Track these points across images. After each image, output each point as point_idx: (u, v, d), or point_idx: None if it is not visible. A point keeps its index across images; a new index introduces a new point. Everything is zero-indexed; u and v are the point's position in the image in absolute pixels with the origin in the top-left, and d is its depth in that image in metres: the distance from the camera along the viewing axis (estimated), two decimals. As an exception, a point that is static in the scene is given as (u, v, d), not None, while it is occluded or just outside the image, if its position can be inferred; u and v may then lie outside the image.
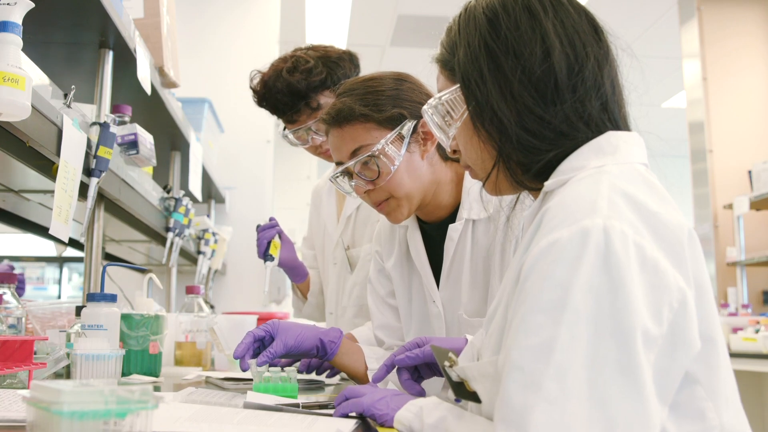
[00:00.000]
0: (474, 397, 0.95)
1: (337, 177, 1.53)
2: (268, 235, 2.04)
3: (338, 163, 1.51)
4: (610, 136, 0.93)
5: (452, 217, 1.53)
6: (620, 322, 0.74)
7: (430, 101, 1.04)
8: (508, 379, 0.76)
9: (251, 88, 2.04)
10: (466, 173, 1.50)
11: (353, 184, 1.49)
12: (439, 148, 1.51)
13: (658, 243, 0.80)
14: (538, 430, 0.72)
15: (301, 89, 1.94)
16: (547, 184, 0.93)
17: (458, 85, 1.00)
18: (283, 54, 2.06)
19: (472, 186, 1.49)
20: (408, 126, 1.46)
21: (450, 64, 1.02)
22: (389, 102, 1.46)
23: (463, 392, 0.98)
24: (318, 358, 1.48)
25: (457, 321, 1.51)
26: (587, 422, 0.72)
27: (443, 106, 1.03)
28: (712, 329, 0.83)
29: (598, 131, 0.94)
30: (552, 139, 0.93)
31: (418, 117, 1.45)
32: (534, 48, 0.93)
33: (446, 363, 1.00)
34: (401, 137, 1.45)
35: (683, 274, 0.80)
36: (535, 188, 0.98)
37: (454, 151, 1.07)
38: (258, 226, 2.08)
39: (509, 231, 1.43)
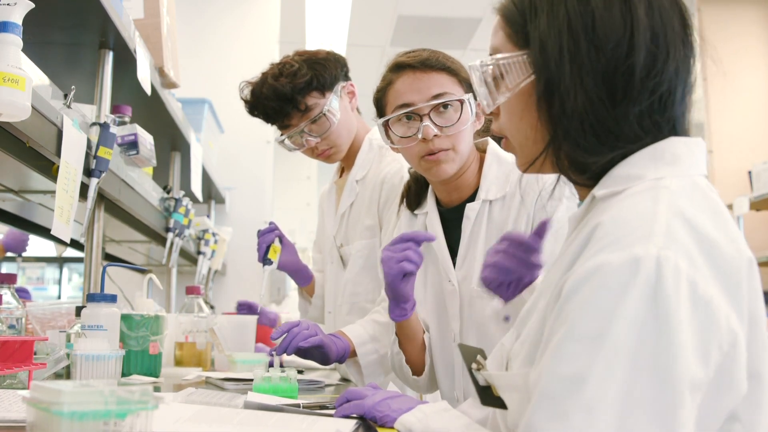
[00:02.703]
0: (500, 403, 0.92)
1: (389, 120, 1.55)
2: (267, 240, 2.05)
3: (404, 105, 1.53)
4: (673, 143, 0.85)
5: (468, 200, 1.59)
6: (661, 363, 0.70)
7: (485, 59, 0.94)
8: (536, 405, 0.73)
9: (241, 98, 2.05)
10: (486, 160, 1.59)
11: (424, 125, 1.50)
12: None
13: (714, 276, 0.74)
14: None
15: (287, 93, 1.95)
16: (599, 194, 0.86)
17: (523, 52, 0.90)
18: (272, 63, 2.06)
19: (489, 170, 1.57)
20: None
21: (522, 27, 0.91)
22: (465, 69, 1.54)
23: (489, 397, 0.94)
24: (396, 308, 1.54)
25: (469, 295, 1.55)
26: None
27: (497, 69, 0.93)
28: (759, 365, 0.78)
29: (661, 137, 0.86)
30: (614, 141, 0.85)
31: None
32: (621, 40, 0.84)
33: (474, 365, 0.97)
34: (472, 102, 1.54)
35: (737, 310, 0.75)
36: (581, 184, 0.91)
37: (491, 113, 0.99)
38: (259, 231, 2.09)
39: (522, 208, 1.51)
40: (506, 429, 0.93)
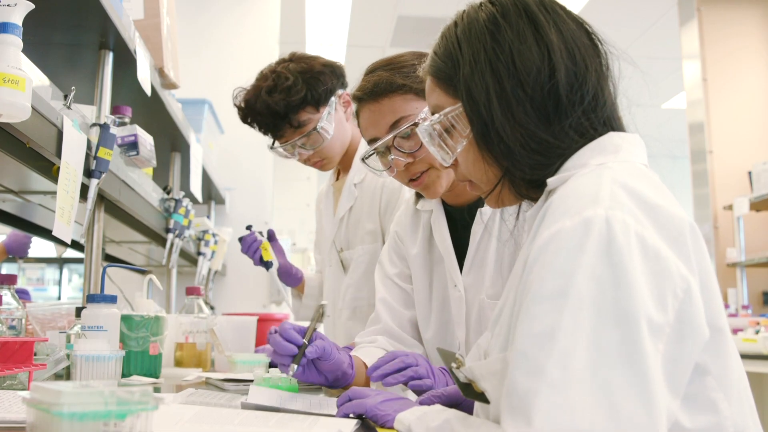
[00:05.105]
0: (482, 398, 0.95)
1: (370, 156, 1.49)
2: (255, 245, 2.04)
3: (372, 141, 1.48)
4: (613, 137, 0.94)
5: (479, 201, 1.50)
6: (623, 310, 0.75)
7: (432, 118, 1.01)
8: (513, 366, 0.77)
9: (235, 105, 2.03)
10: None
11: (392, 158, 1.45)
12: None
13: (660, 233, 0.80)
14: (542, 415, 0.72)
15: (280, 110, 1.92)
16: (550, 182, 0.93)
17: (460, 104, 0.97)
18: (268, 67, 2.02)
19: None
20: None
21: (452, 80, 0.98)
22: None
23: (471, 393, 0.97)
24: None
25: (478, 305, 1.47)
26: (590, 407, 0.71)
27: (441, 125, 1.00)
28: (718, 319, 0.83)
29: (599, 135, 0.94)
30: (559, 152, 0.93)
31: None
32: (541, 65, 0.92)
33: (453, 364, 0.99)
34: None
35: (686, 263, 0.80)
36: (538, 197, 0.98)
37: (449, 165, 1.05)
38: (240, 239, 2.08)
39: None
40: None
